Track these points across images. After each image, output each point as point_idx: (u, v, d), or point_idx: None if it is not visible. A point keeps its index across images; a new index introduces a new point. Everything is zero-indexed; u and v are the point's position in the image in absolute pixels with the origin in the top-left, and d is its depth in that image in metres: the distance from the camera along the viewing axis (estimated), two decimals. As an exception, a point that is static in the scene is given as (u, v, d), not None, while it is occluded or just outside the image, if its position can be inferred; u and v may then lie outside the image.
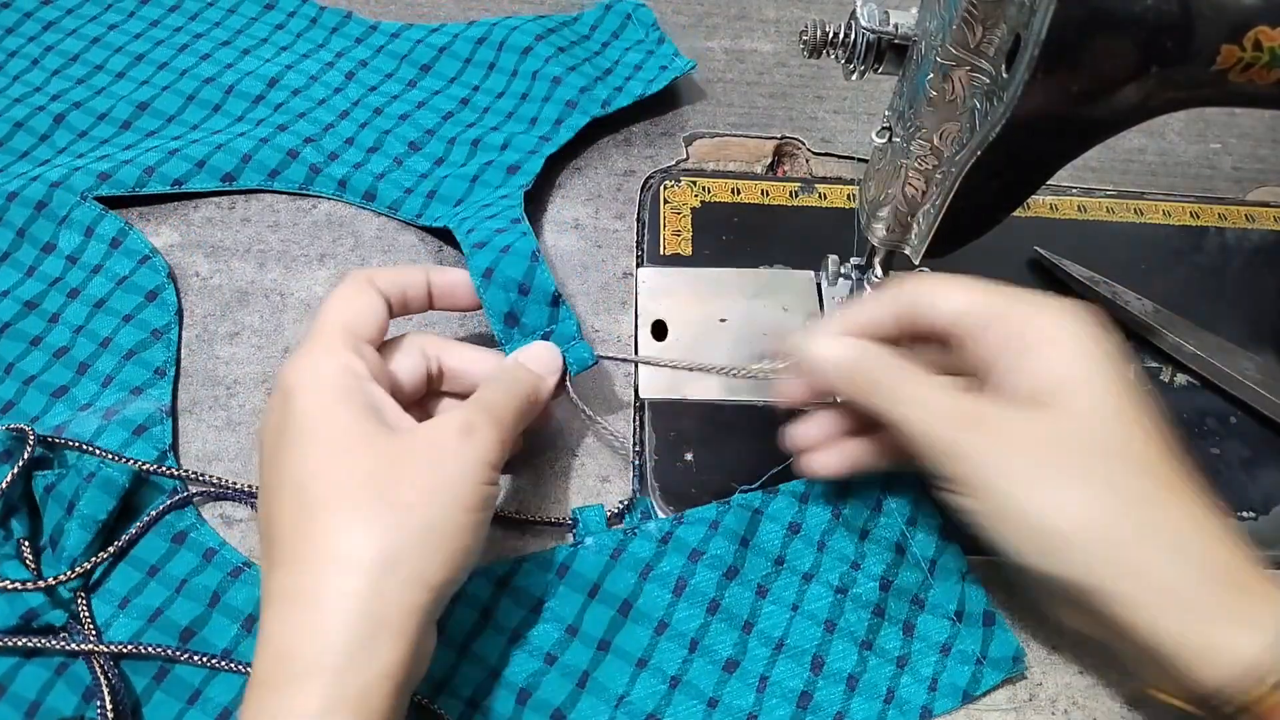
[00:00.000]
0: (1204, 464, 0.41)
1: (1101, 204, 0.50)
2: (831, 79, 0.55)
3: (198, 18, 0.54)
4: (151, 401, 0.39)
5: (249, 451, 0.39)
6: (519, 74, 0.51)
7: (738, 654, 0.35)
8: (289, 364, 0.32)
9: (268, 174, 0.46)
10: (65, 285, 0.43)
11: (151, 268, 0.43)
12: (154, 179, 0.45)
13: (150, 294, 0.42)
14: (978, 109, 0.30)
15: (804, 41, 0.34)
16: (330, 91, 0.50)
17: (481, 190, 0.46)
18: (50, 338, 0.41)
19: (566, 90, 0.50)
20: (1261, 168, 0.54)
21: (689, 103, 0.53)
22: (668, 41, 0.54)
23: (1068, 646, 0.37)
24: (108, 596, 0.35)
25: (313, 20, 0.54)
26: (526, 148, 0.48)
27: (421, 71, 0.52)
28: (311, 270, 0.45)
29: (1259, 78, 0.29)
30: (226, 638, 0.34)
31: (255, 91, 0.50)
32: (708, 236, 0.47)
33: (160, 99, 0.49)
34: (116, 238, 0.43)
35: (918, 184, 0.35)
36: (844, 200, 0.49)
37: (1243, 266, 0.49)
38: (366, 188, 0.46)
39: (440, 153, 0.48)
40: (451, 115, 0.50)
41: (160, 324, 0.42)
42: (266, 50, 0.52)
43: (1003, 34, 0.29)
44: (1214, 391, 0.44)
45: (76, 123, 0.48)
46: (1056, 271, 0.46)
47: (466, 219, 0.43)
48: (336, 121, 0.49)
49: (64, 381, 0.40)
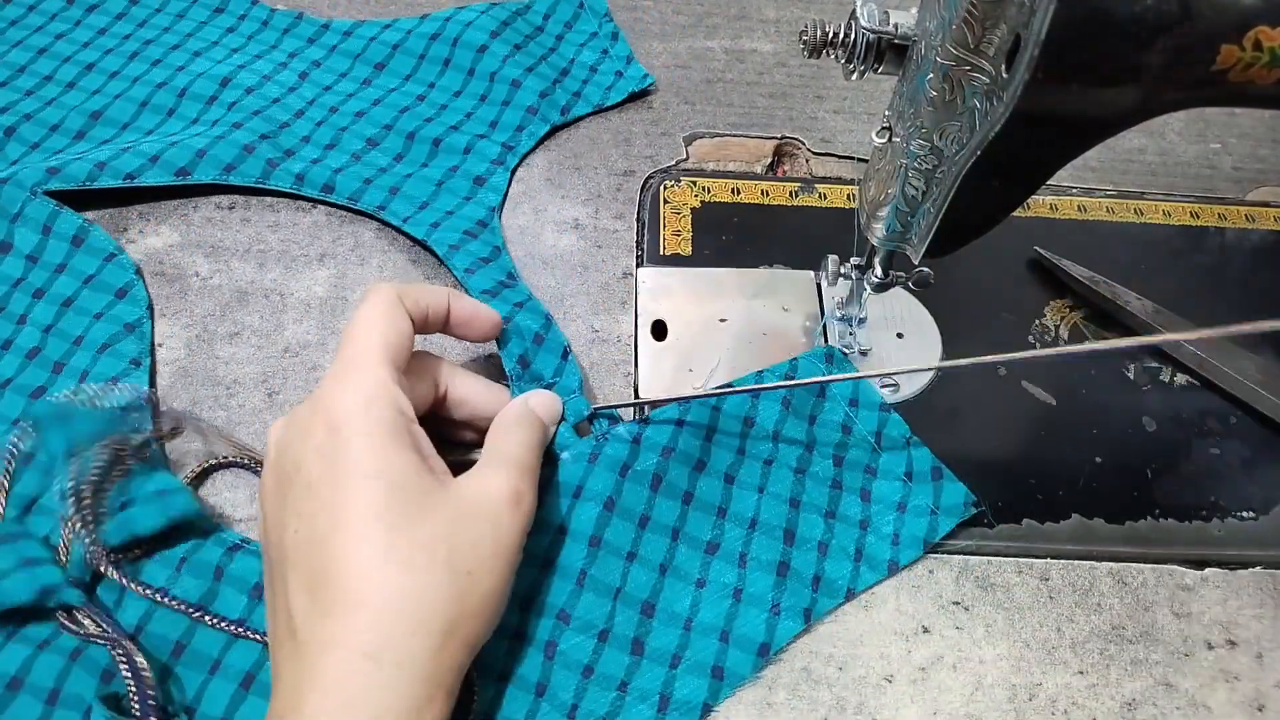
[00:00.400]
0: (1204, 464, 0.42)
1: (1101, 204, 0.50)
2: (831, 79, 0.55)
3: (146, 24, 0.53)
4: (128, 390, 0.38)
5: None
6: (476, 73, 0.51)
7: (716, 537, 0.37)
8: (337, 393, 0.31)
9: (223, 168, 0.46)
10: (29, 285, 0.42)
11: (118, 265, 0.43)
12: (105, 173, 0.44)
13: (120, 291, 0.42)
14: (978, 109, 0.30)
15: (804, 41, 0.34)
16: (284, 91, 0.50)
17: (447, 197, 0.46)
18: (20, 339, 0.41)
19: (526, 95, 0.50)
20: (1261, 168, 0.54)
21: (689, 103, 0.53)
22: (621, 39, 0.55)
23: (1067, 646, 0.37)
24: (110, 582, 0.34)
25: (264, 23, 0.54)
26: (490, 155, 0.48)
27: (375, 70, 0.52)
28: (311, 270, 0.45)
29: (1259, 78, 0.28)
30: (238, 608, 0.34)
31: (208, 92, 0.49)
32: (708, 236, 0.47)
33: (113, 107, 0.49)
34: (78, 235, 0.43)
35: (918, 184, 0.35)
36: (844, 200, 0.49)
37: (1243, 266, 0.49)
38: (325, 180, 0.46)
39: (399, 148, 0.49)
40: (408, 109, 0.50)
41: (132, 319, 0.41)
42: (218, 52, 0.52)
43: (1003, 34, 0.29)
44: (1214, 391, 0.44)
45: (28, 135, 0.47)
46: (1056, 272, 0.46)
47: (450, 243, 0.44)
48: (292, 120, 0.49)
49: (40, 382, 0.40)
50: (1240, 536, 0.40)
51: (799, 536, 0.37)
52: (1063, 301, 0.46)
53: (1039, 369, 0.44)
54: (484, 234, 0.45)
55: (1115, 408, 0.43)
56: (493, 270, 0.43)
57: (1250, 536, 0.40)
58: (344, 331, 0.33)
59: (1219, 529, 0.40)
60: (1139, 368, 0.45)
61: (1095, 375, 0.44)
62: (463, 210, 0.46)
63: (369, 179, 0.47)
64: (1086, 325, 0.46)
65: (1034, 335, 0.45)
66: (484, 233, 0.45)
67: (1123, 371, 0.44)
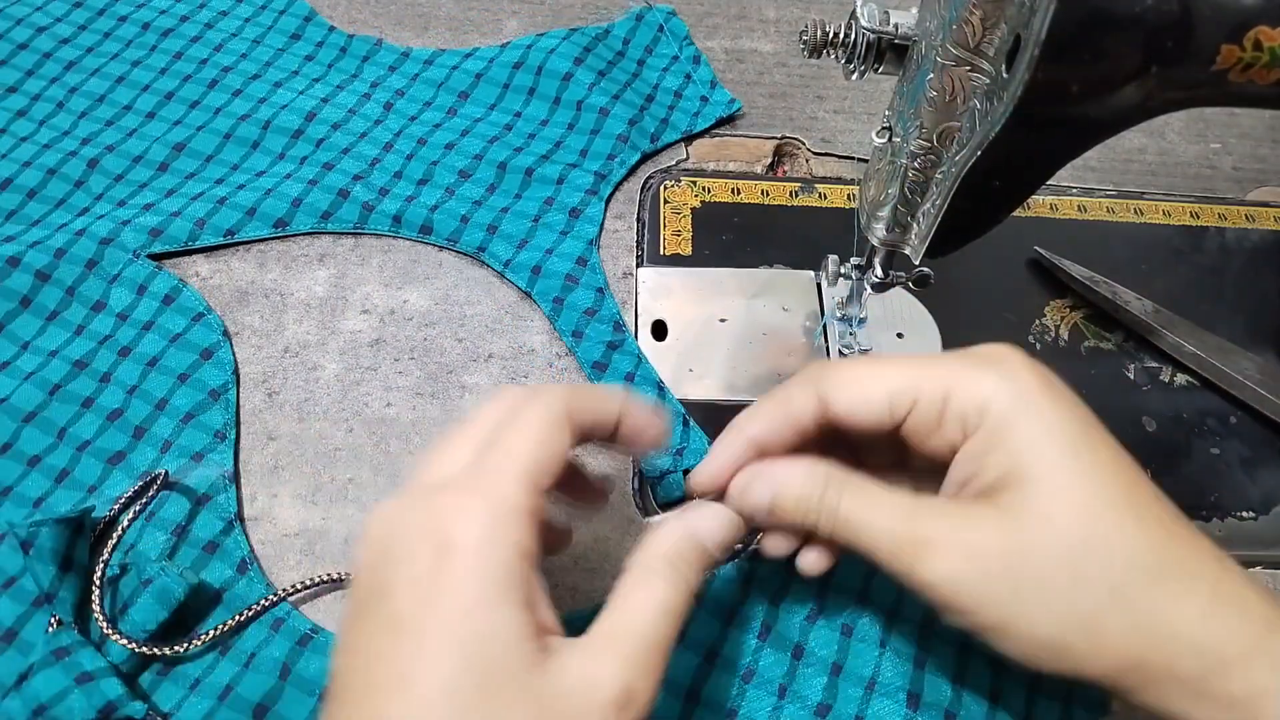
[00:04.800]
0: (1204, 464, 0.42)
1: (1101, 204, 0.50)
2: (831, 79, 0.55)
3: (222, 48, 0.52)
4: (214, 467, 0.38)
5: (248, 452, 0.39)
6: (562, 101, 0.51)
7: (828, 698, 0.33)
8: (459, 512, 0.24)
9: (320, 216, 0.45)
10: (115, 343, 0.41)
11: (206, 325, 0.42)
12: (206, 231, 0.44)
13: (205, 352, 0.41)
14: (978, 109, 0.30)
15: (804, 41, 0.34)
16: (370, 124, 0.50)
17: (544, 233, 0.46)
18: (102, 399, 0.39)
19: (615, 123, 0.50)
20: (1261, 168, 0.54)
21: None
22: (704, 62, 0.54)
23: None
24: (179, 679, 0.33)
25: (342, 49, 0.53)
26: (584, 185, 0.48)
27: (460, 99, 0.51)
28: (311, 270, 0.45)
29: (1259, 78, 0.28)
30: (303, 714, 0.32)
31: (293, 126, 0.49)
32: (708, 236, 0.47)
33: (196, 139, 0.48)
34: (169, 295, 0.42)
35: (918, 184, 0.35)
36: (844, 200, 0.49)
37: (1243, 266, 0.49)
38: (422, 221, 0.46)
39: (491, 179, 0.48)
40: (497, 139, 0.49)
41: (217, 384, 0.40)
42: (299, 82, 0.51)
43: (1003, 34, 0.29)
44: (1214, 391, 0.44)
45: (111, 166, 0.47)
46: (1056, 272, 0.46)
47: (554, 295, 0.43)
48: (382, 155, 0.48)
49: (120, 447, 0.38)
50: (1240, 536, 0.40)
51: (924, 699, 0.33)
52: (1063, 301, 0.46)
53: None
54: (585, 275, 0.44)
55: (1115, 408, 0.43)
56: (600, 327, 0.42)
57: (1250, 536, 0.40)
58: (490, 418, 0.27)
59: (1219, 529, 0.40)
60: (1139, 368, 0.45)
61: (1095, 375, 0.44)
62: (561, 247, 0.45)
63: (466, 216, 0.46)
64: (1086, 325, 0.46)
65: (1034, 335, 0.45)
66: (585, 274, 0.44)
67: (1123, 371, 0.44)
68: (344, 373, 0.42)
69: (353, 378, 0.41)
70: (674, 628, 0.26)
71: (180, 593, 0.33)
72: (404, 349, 0.42)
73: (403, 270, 0.45)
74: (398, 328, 0.43)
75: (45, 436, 0.38)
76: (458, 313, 0.44)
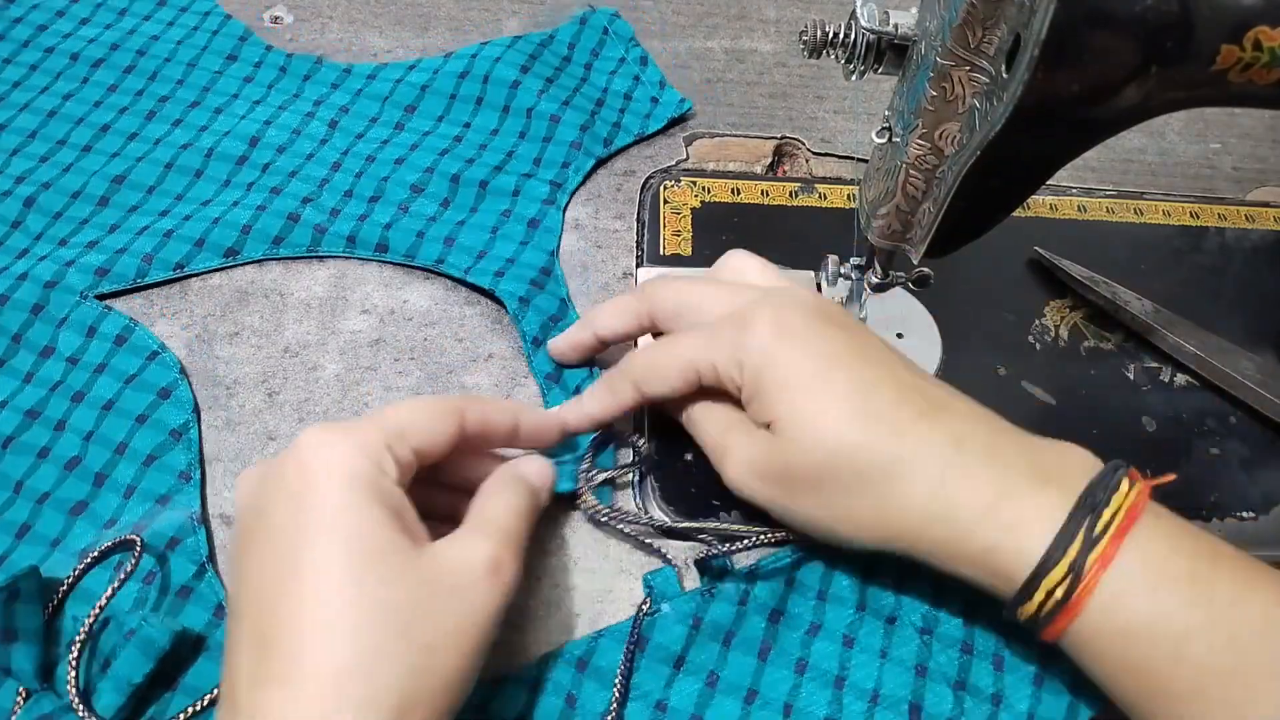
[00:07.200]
0: (1204, 464, 0.42)
1: (1101, 204, 0.50)
2: (831, 79, 0.55)
3: (157, 77, 0.50)
4: (181, 510, 0.36)
5: (249, 452, 0.39)
6: (511, 110, 0.50)
7: (834, 712, 0.33)
8: (319, 442, 0.29)
9: (271, 241, 0.44)
10: (68, 389, 0.39)
11: (161, 364, 0.40)
12: (154, 266, 0.43)
13: (163, 391, 0.39)
14: (978, 109, 0.30)
15: (804, 41, 0.34)
16: (316, 144, 0.48)
17: (503, 244, 0.45)
18: (59, 448, 0.38)
19: (567, 130, 0.49)
20: (1261, 168, 0.54)
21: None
22: (651, 63, 0.54)
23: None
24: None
25: (281, 69, 0.52)
26: (540, 196, 0.47)
27: (406, 113, 0.50)
28: (311, 270, 0.45)
29: (1259, 78, 0.28)
30: None
31: (237, 152, 0.47)
32: (708, 236, 0.47)
33: (136, 170, 0.46)
34: (121, 335, 0.40)
35: (918, 184, 0.35)
36: (844, 200, 0.49)
37: (1243, 266, 0.49)
38: (377, 239, 0.44)
39: (445, 193, 0.47)
40: (448, 151, 0.48)
41: (178, 423, 0.38)
42: (240, 106, 0.50)
43: (1003, 34, 0.29)
44: (1214, 391, 0.44)
45: (49, 204, 0.45)
46: (1056, 272, 0.47)
47: (520, 295, 0.43)
48: (330, 175, 0.47)
49: (82, 496, 0.36)
50: (1240, 536, 0.40)
51: (925, 712, 0.33)
52: (1062, 301, 0.46)
53: (1039, 368, 0.44)
54: (549, 284, 0.44)
55: (1115, 408, 0.43)
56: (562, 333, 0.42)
57: (1250, 536, 0.40)
58: None
59: (1219, 529, 0.40)
60: (1139, 368, 0.45)
61: (1095, 375, 0.44)
62: (522, 257, 0.44)
63: (421, 232, 0.45)
64: (1086, 325, 0.46)
65: (1034, 335, 0.45)
66: (549, 282, 0.44)
67: (1123, 371, 0.44)
68: (344, 373, 0.42)
69: (353, 378, 0.41)
70: (527, 525, 0.32)
71: (165, 641, 0.31)
72: (404, 349, 0.42)
73: (403, 270, 0.45)
74: (398, 328, 0.43)
75: (2, 491, 0.37)
76: (458, 313, 0.44)
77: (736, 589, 0.35)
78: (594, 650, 0.34)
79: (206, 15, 0.54)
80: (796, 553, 0.36)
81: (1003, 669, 0.34)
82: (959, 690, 0.34)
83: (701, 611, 0.35)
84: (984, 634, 0.35)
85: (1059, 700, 0.34)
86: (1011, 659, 0.34)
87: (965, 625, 0.35)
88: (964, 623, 0.35)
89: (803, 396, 0.32)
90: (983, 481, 0.30)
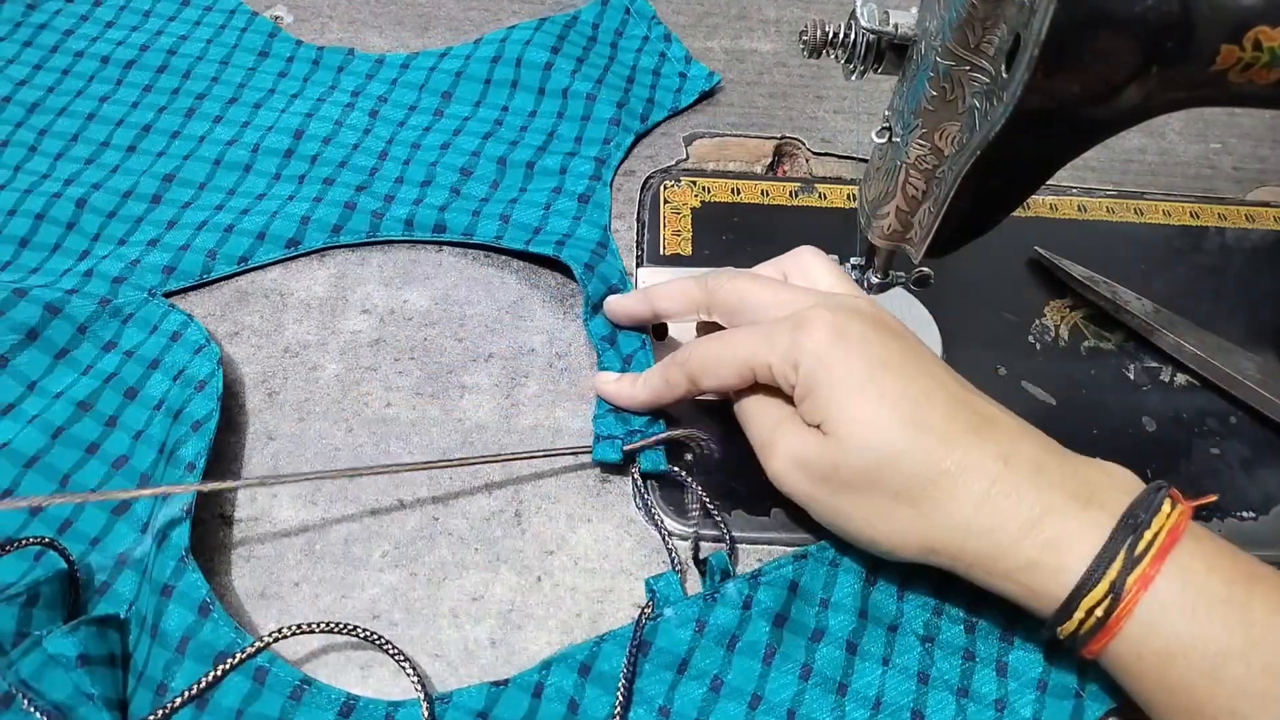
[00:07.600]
0: (1204, 464, 0.42)
1: (1101, 204, 0.50)
2: (831, 79, 0.55)
3: (191, 75, 0.51)
4: (176, 503, 0.35)
5: (249, 453, 0.39)
6: (546, 91, 0.51)
7: (836, 718, 0.33)
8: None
9: (330, 230, 0.45)
10: (121, 383, 0.39)
11: (205, 356, 0.39)
12: (219, 261, 0.43)
13: (200, 384, 0.38)
14: (978, 109, 0.30)
15: (804, 41, 0.34)
16: (360, 134, 0.49)
17: (557, 220, 0.45)
18: (108, 445, 0.38)
19: (604, 107, 0.50)
20: (1261, 168, 0.54)
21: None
22: (675, 39, 0.54)
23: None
24: None
25: (314, 62, 0.52)
26: (586, 173, 0.48)
27: (444, 99, 0.51)
28: (311, 270, 0.45)
29: (1259, 78, 0.29)
30: None
31: (283, 146, 0.48)
32: (708, 236, 0.47)
33: (185, 168, 0.47)
34: (178, 331, 0.40)
35: (918, 184, 0.35)
36: (844, 200, 0.49)
37: (1243, 266, 0.49)
38: (434, 221, 0.45)
39: (494, 175, 0.47)
40: (490, 135, 0.49)
41: (201, 414, 0.37)
42: (278, 100, 0.50)
43: (1003, 34, 0.29)
44: (1214, 391, 0.44)
45: (101, 204, 0.45)
46: (1056, 271, 0.47)
47: (585, 262, 0.43)
48: (378, 164, 0.48)
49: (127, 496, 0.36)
50: (1240, 536, 0.40)
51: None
52: (1062, 301, 0.46)
53: (1039, 368, 0.44)
54: (608, 255, 0.44)
55: (1115, 408, 0.43)
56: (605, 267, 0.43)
57: (1250, 536, 0.40)
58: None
59: (1219, 529, 0.40)
60: (1139, 368, 0.45)
61: (1095, 375, 0.44)
62: (578, 232, 0.45)
63: (476, 211, 0.46)
64: (1086, 325, 0.46)
65: (1034, 335, 0.45)
66: (607, 254, 0.44)
67: (1123, 371, 0.44)
68: (344, 373, 0.42)
69: (353, 378, 0.41)
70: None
71: (73, 652, 0.30)
72: (404, 349, 0.43)
73: (403, 270, 0.45)
74: (398, 327, 0.43)
75: (48, 482, 0.37)
76: (458, 313, 0.44)
77: (739, 593, 0.35)
78: (596, 655, 0.34)
79: (232, 13, 0.54)
80: (799, 558, 0.36)
81: (1006, 675, 0.34)
82: (962, 697, 0.34)
83: (705, 616, 0.34)
84: (986, 641, 0.35)
85: (1063, 705, 0.33)
86: (1015, 665, 0.34)
87: (967, 633, 0.35)
88: (965, 630, 0.35)
89: (854, 400, 0.32)
90: (1027, 498, 0.30)
